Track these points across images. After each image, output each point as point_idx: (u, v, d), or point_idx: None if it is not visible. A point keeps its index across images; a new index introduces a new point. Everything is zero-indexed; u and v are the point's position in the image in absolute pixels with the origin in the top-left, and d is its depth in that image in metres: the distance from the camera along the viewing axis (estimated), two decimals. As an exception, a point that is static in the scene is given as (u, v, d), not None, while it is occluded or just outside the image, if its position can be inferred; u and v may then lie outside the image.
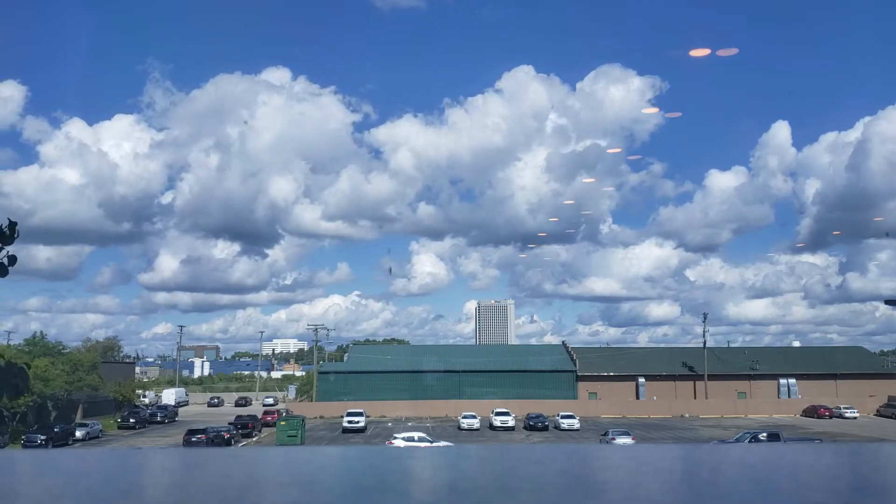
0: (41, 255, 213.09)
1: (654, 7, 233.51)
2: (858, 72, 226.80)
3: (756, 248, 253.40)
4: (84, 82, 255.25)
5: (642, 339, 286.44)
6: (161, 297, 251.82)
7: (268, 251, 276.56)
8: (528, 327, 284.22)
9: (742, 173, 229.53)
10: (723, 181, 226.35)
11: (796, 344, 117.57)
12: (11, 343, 78.93)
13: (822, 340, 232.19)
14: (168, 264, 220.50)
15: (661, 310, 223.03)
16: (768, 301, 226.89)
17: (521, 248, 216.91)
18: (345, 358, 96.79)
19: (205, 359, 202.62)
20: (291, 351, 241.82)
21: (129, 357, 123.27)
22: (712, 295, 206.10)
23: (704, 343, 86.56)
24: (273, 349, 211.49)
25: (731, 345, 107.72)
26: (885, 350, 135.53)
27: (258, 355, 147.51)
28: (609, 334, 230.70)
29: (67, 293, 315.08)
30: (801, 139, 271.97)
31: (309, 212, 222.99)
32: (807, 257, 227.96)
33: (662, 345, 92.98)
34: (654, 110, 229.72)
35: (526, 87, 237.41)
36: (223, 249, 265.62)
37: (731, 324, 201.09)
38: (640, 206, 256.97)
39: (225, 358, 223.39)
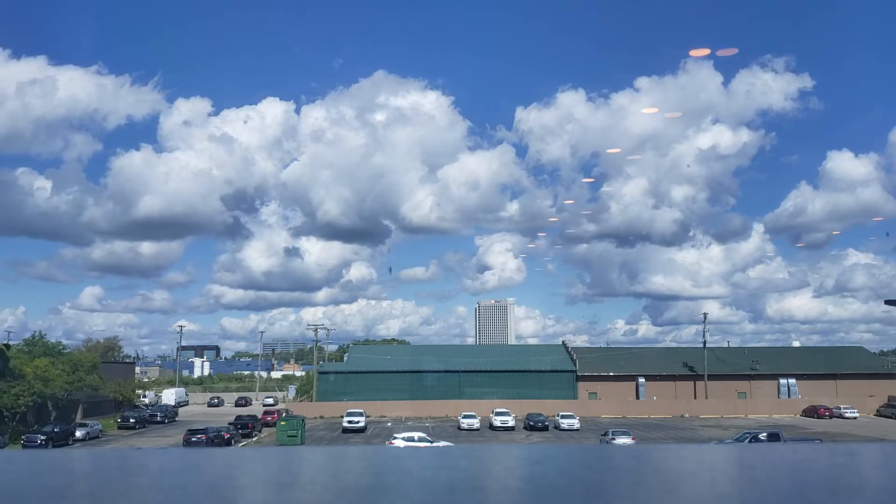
0: (140, 250, 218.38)
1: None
2: None
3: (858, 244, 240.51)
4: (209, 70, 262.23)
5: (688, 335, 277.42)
6: (224, 293, 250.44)
7: (362, 248, 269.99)
8: (558, 327, 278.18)
9: (866, 164, 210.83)
10: (844, 173, 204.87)
11: (796, 344, 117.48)
12: (12, 343, 78.90)
13: (855, 340, 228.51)
14: (251, 260, 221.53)
15: (722, 311, 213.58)
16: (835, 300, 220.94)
17: (619, 244, 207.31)
18: (345, 358, 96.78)
19: (205, 359, 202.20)
20: (291, 351, 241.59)
21: (129, 357, 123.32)
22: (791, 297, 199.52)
23: (704, 343, 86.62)
24: (273, 349, 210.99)
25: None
26: (885, 350, 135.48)
27: (258, 355, 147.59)
28: (648, 334, 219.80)
29: (137, 287, 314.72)
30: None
31: (402, 209, 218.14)
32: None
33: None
34: (655, 110, 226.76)
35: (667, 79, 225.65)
36: (309, 246, 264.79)
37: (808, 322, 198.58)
38: (751, 200, 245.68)
39: (225, 358, 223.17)
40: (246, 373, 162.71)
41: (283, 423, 54.58)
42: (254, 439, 59.81)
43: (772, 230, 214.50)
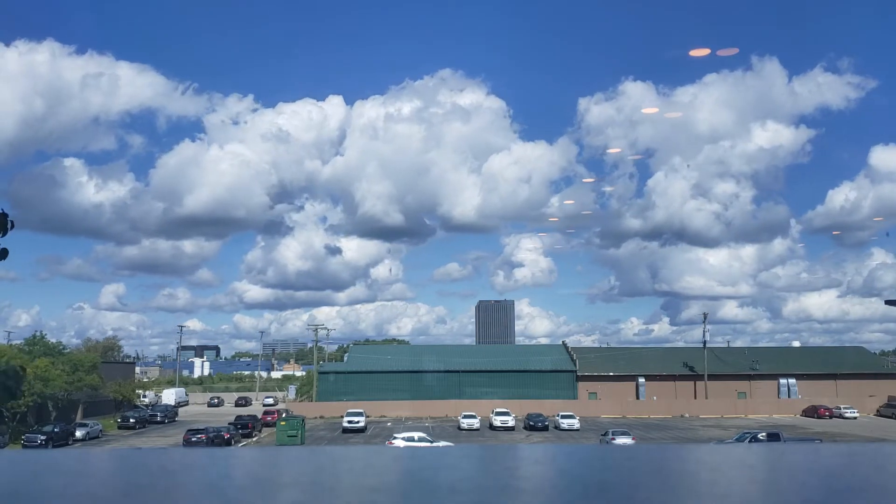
0: (174, 248, 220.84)
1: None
2: None
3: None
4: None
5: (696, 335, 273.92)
6: (247, 291, 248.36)
7: (392, 246, 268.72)
8: (572, 325, 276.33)
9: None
10: (889, 171, 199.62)
11: (796, 344, 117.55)
12: (13, 342, 78.96)
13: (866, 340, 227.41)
14: (282, 258, 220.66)
15: (742, 310, 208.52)
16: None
17: (654, 243, 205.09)
18: (345, 358, 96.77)
19: (205, 359, 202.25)
20: (291, 351, 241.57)
21: (129, 357, 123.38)
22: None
23: (704, 343, 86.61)
24: (273, 349, 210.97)
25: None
26: (885, 350, 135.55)
27: (258, 355, 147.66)
28: (662, 333, 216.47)
29: (165, 286, 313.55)
30: None
31: (441, 209, 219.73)
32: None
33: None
34: (654, 110, 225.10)
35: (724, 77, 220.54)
36: (345, 245, 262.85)
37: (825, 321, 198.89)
38: (789, 199, 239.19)
39: (225, 358, 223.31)
40: (246, 373, 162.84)
41: (283, 423, 54.58)
42: (254, 439, 59.81)
43: (808, 229, 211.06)
